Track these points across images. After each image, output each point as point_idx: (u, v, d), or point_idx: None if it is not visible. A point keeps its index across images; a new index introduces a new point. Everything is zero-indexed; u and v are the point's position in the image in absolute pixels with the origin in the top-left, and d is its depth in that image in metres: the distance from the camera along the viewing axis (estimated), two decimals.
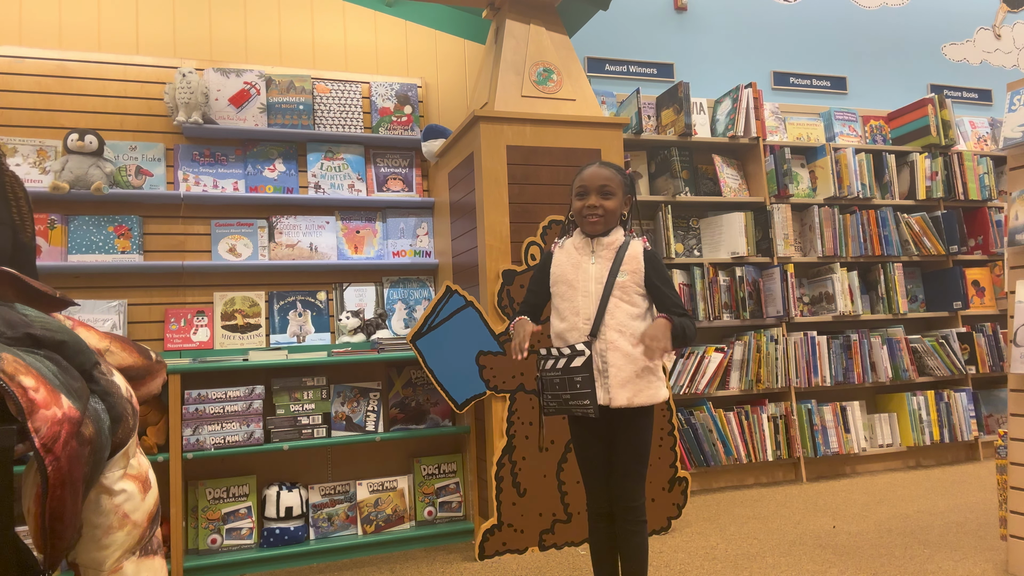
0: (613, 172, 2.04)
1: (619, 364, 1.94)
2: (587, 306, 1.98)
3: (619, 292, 1.96)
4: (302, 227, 3.52)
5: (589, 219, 2.02)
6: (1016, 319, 2.37)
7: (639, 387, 1.95)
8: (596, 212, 2.01)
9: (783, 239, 4.11)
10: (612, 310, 1.95)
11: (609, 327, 1.95)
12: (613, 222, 2.04)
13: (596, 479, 2.04)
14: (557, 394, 1.99)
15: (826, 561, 2.62)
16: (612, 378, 1.93)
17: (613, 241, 2.02)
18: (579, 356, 1.94)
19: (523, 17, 3.28)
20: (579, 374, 1.93)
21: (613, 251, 2.01)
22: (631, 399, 1.93)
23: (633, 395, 1.94)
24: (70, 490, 1.34)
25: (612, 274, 1.97)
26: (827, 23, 4.92)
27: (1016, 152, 2.51)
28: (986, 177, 4.65)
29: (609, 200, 2.01)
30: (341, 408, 3.11)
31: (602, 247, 2.02)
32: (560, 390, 1.98)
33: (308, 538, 3.03)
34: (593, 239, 2.04)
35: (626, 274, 1.98)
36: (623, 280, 1.97)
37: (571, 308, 2.00)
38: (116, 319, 3.16)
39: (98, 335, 1.77)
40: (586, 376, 1.92)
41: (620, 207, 2.05)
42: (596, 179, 2.02)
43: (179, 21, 3.49)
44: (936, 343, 4.30)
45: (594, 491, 2.05)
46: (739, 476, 3.95)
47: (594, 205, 2.01)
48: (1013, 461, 2.41)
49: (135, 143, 3.31)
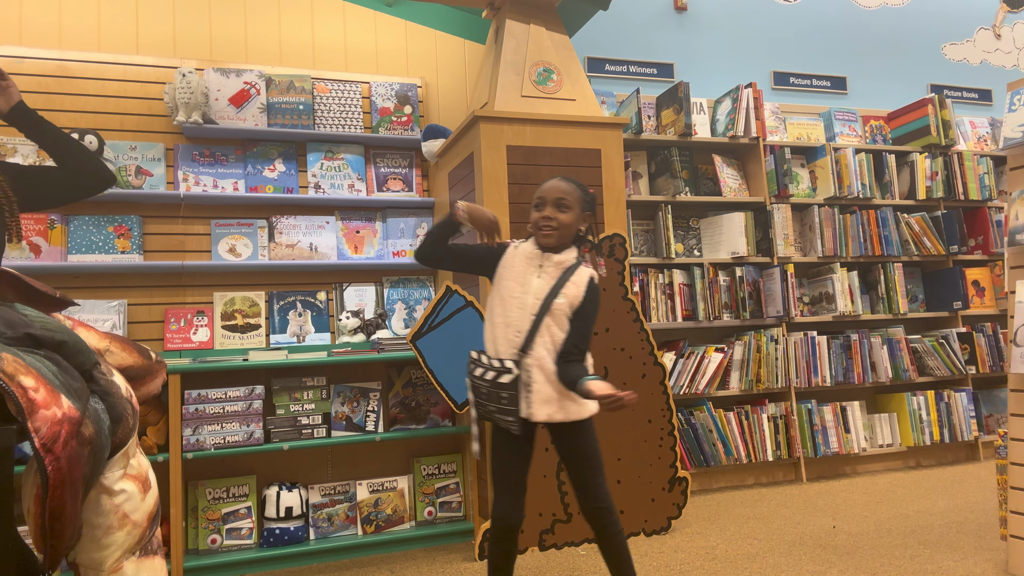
0: (572, 187, 2.04)
1: (541, 381, 1.95)
2: (521, 319, 1.98)
3: (553, 314, 1.96)
4: (302, 227, 3.52)
5: (543, 231, 2.01)
6: (1016, 319, 2.37)
7: (561, 404, 1.96)
8: (551, 224, 2.00)
9: (783, 239, 4.11)
10: (543, 329, 1.96)
11: (538, 344, 1.95)
12: (567, 237, 2.04)
13: (507, 490, 2.00)
14: (483, 403, 2.02)
15: (826, 561, 2.62)
16: (535, 394, 1.95)
17: (563, 260, 2.02)
18: (507, 373, 1.95)
19: (523, 17, 3.28)
20: (506, 391, 1.94)
21: (560, 270, 2.00)
22: (551, 415, 1.96)
23: (554, 412, 1.96)
24: (70, 490, 1.33)
25: (552, 294, 1.97)
26: (827, 23, 4.93)
27: (1016, 152, 2.51)
28: (986, 177, 4.65)
29: (565, 213, 2.01)
30: (341, 408, 3.11)
31: (550, 263, 2.01)
32: (487, 400, 2.00)
33: (308, 538, 3.03)
34: (544, 253, 2.03)
35: (564, 297, 1.97)
36: (559, 303, 1.96)
37: (505, 318, 2.00)
38: (116, 319, 3.16)
39: (98, 335, 1.77)
40: (512, 394, 1.94)
41: (576, 223, 2.04)
42: (554, 192, 2.02)
43: (179, 21, 3.49)
44: (936, 343, 4.30)
45: (502, 506, 1.99)
46: (739, 476, 3.95)
47: (549, 217, 2.00)
48: (1013, 461, 2.41)
49: (135, 143, 3.31)
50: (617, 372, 3.05)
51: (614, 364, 3.05)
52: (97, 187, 2.14)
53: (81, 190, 2.12)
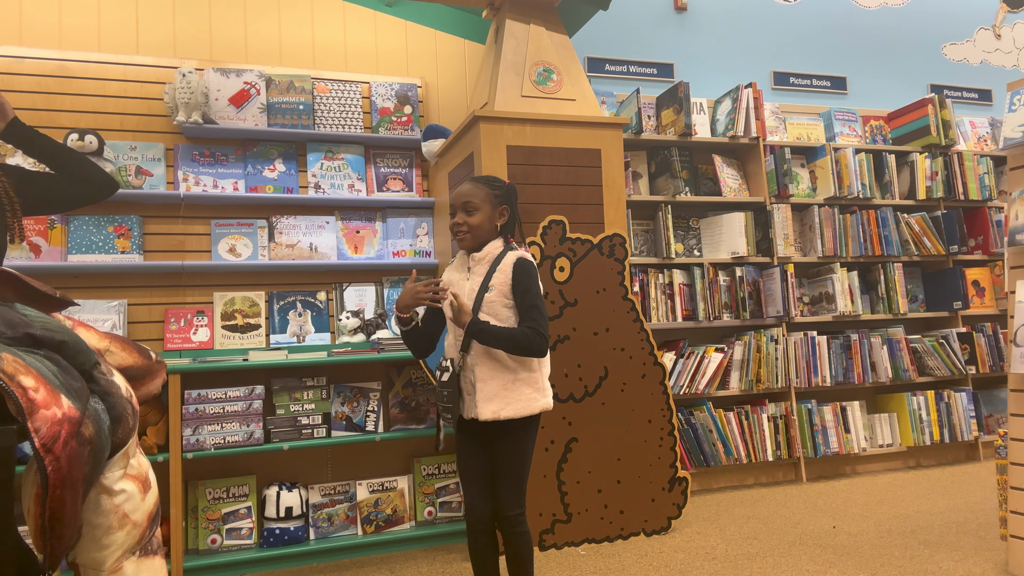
0: (478, 187, 2.08)
1: (484, 378, 1.99)
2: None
3: (486, 307, 2.01)
4: (302, 227, 3.52)
5: (457, 236, 2.08)
6: (1016, 319, 2.37)
7: (507, 400, 1.98)
8: (461, 229, 2.07)
9: (783, 239, 4.11)
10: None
11: (476, 343, 2.00)
12: (482, 236, 2.08)
13: (473, 490, 2.04)
14: (436, 404, 2.07)
15: (826, 561, 2.62)
16: (479, 392, 1.99)
17: (486, 255, 2.06)
18: (446, 372, 2.01)
19: (523, 17, 3.28)
20: (446, 388, 2.01)
21: (487, 265, 2.06)
22: (497, 412, 1.97)
23: (500, 408, 1.98)
24: (70, 490, 1.33)
25: (482, 289, 2.03)
26: (827, 23, 4.93)
27: (1016, 152, 2.51)
28: (986, 177, 4.65)
29: (473, 216, 2.06)
30: (341, 408, 3.11)
31: (476, 262, 2.08)
32: (437, 401, 2.05)
33: (308, 538, 3.03)
34: (468, 255, 2.09)
35: (493, 288, 2.02)
36: (490, 295, 2.02)
37: (451, 323, 2.07)
38: (116, 319, 3.16)
39: (98, 335, 1.77)
40: (451, 391, 1.99)
41: (488, 220, 2.08)
42: (460, 197, 2.08)
43: (179, 21, 3.49)
44: (936, 343, 4.30)
45: (471, 502, 2.04)
46: (739, 476, 3.95)
47: (459, 223, 2.07)
48: (1013, 461, 2.41)
49: (135, 143, 3.31)
50: (617, 372, 3.05)
51: (614, 364, 3.05)
52: (99, 194, 2.19)
53: (84, 197, 2.17)
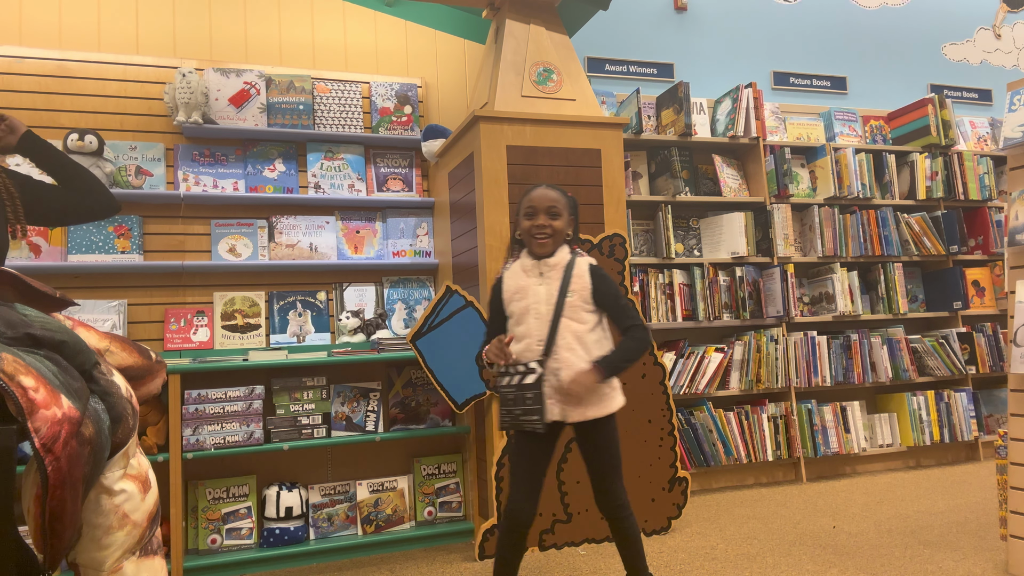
0: (559, 194, 2.13)
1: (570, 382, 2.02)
2: (539, 327, 2.05)
3: (569, 312, 2.05)
4: (302, 227, 3.52)
5: (538, 238, 2.09)
6: (1016, 319, 2.37)
7: (591, 401, 2.04)
8: (544, 232, 2.08)
9: (783, 239, 4.11)
10: (562, 330, 2.04)
11: (560, 347, 2.03)
12: (559, 241, 2.12)
13: (522, 490, 2.06)
14: (510, 409, 2.06)
15: (826, 561, 2.62)
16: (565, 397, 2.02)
17: (559, 261, 2.10)
18: (531, 374, 2.03)
19: (523, 17, 3.28)
20: (530, 391, 2.01)
21: (560, 271, 2.09)
22: (584, 413, 2.04)
23: (586, 409, 2.04)
24: (70, 490, 1.33)
25: (561, 294, 2.05)
26: (827, 23, 4.93)
27: (1016, 152, 2.51)
28: (986, 177, 4.65)
29: (557, 220, 2.09)
30: (341, 408, 3.11)
31: (549, 268, 2.10)
32: (512, 405, 2.05)
33: (308, 538, 3.03)
34: (540, 260, 2.11)
35: (573, 293, 2.06)
36: (571, 300, 2.05)
37: (524, 330, 2.08)
38: (116, 319, 3.16)
39: (98, 335, 1.77)
40: (536, 393, 2.00)
41: (566, 228, 2.12)
42: (544, 200, 2.10)
43: (179, 21, 3.49)
44: (936, 343, 4.30)
45: (517, 503, 2.05)
46: (739, 476, 3.95)
47: (543, 225, 2.08)
48: (1013, 461, 2.41)
49: (135, 143, 3.31)
50: None
51: None
52: (102, 211, 2.22)
53: (86, 211, 2.19)
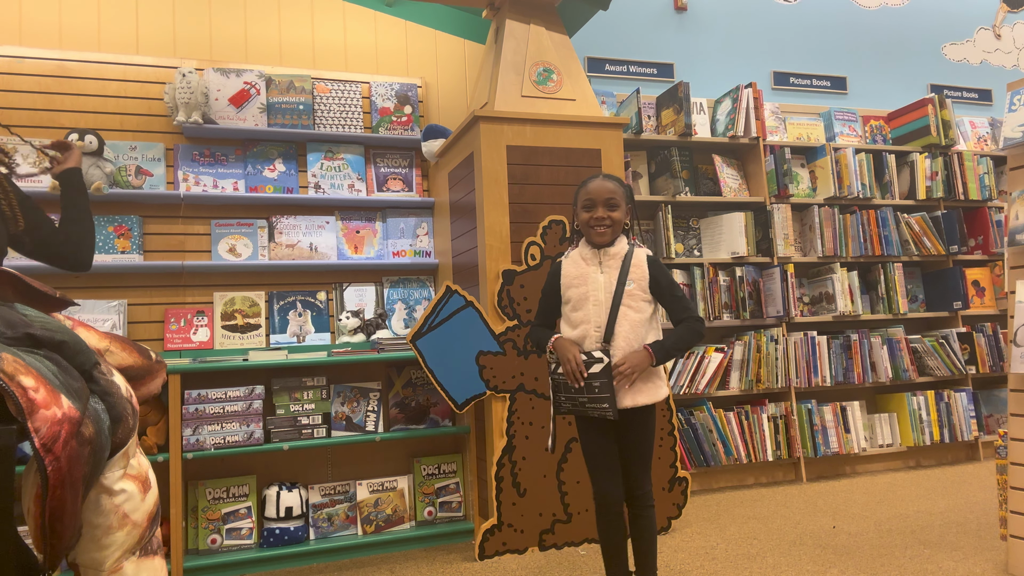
0: (617, 184, 2.15)
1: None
2: (598, 315, 2.09)
3: (628, 300, 2.09)
4: (302, 227, 3.52)
5: (597, 230, 2.12)
6: (1016, 319, 2.37)
7: (641, 388, 2.09)
8: (604, 223, 2.12)
9: (783, 239, 4.11)
10: (621, 319, 2.08)
11: (619, 335, 2.07)
12: (617, 232, 2.16)
13: (605, 474, 2.12)
14: (573, 396, 2.08)
15: (826, 561, 2.62)
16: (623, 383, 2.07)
17: (618, 251, 2.14)
18: (598, 363, 2.05)
19: (523, 17, 3.28)
20: (598, 379, 2.04)
21: (619, 260, 2.12)
22: (635, 399, 2.07)
23: (637, 395, 2.07)
24: (70, 490, 1.33)
25: (620, 284, 2.09)
26: (827, 23, 4.93)
27: (1016, 152, 2.51)
28: (986, 177, 4.65)
29: (615, 211, 2.13)
30: (341, 408, 3.11)
31: (608, 257, 2.14)
32: (576, 393, 2.07)
33: (308, 538, 3.03)
34: (599, 249, 2.14)
35: (633, 282, 2.09)
36: (631, 289, 2.09)
37: (582, 316, 2.11)
38: (116, 319, 3.16)
39: (98, 335, 1.77)
40: (605, 382, 2.03)
41: (624, 217, 2.16)
42: (602, 192, 2.12)
43: (179, 21, 3.49)
44: (936, 343, 4.30)
45: (604, 487, 2.12)
46: (739, 476, 3.95)
47: (602, 217, 2.12)
48: (1013, 461, 2.41)
49: (135, 143, 3.31)
50: None
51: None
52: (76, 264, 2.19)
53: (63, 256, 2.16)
